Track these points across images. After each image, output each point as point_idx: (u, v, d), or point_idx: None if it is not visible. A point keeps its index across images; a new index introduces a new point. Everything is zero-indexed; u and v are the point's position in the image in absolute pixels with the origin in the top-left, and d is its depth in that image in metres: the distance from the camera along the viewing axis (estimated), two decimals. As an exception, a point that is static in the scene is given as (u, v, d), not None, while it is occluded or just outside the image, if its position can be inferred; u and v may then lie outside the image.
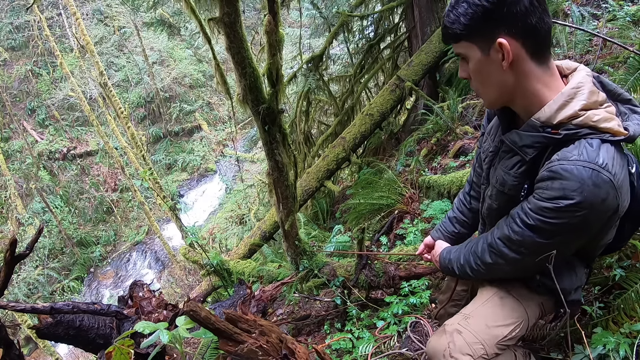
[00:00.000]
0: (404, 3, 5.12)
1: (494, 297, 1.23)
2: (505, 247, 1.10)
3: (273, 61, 2.08)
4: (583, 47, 3.45)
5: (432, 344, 1.23)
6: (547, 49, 0.98)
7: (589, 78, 1.00)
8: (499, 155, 1.19)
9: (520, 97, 1.02)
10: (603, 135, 0.95)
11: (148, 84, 15.45)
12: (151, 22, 8.28)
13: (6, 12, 15.44)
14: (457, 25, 0.97)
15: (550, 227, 0.98)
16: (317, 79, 5.15)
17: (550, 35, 0.96)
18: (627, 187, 0.99)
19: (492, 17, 0.92)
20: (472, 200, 1.49)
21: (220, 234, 11.00)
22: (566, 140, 0.97)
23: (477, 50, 0.99)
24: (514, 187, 1.12)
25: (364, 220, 3.98)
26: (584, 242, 1.05)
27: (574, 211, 0.93)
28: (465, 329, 1.17)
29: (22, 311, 1.64)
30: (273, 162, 2.40)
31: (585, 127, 0.95)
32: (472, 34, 0.97)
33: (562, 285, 1.17)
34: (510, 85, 1.00)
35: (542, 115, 0.99)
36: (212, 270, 3.40)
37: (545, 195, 0.97)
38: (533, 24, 0.92)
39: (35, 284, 11.52)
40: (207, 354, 1.91)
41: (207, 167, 15.26)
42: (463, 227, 1.52)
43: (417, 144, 4.51)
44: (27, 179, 13.42)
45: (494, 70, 0.99)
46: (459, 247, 1.34)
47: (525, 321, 1.20)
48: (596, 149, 0.93)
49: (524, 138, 1.03)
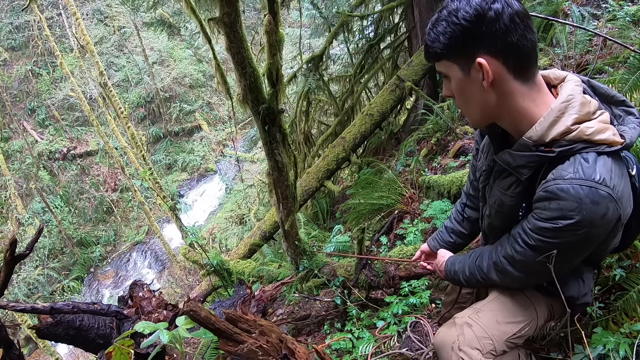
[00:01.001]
0: (404, 3, 5.12)
1: (505, 293, 1.22)
2: (509, 266, 1.11)
3: (273, 61, 2.08)
4: (583, 47, 3.45)
5: (442, 335, 1.21)
6: (532, 66, 0.94)
7: (578, 88, 0.97)
8: (493, 174, 1.18)
9: (507, 116, 1.00)
10: (598, 148, 0.92)
11: (148, 84, 15.45)
12: (151, 22, 8.29)
13: (6, 12, 15.44)
14: (437, 44, 0.95)
15: (552, 246, 0.97)
16: (317, 79, 5.15)
17: (535, 52, 0.92)
18: (628, 195, 0.97)
19: (470, 36, 0.90)
20: (467, 210, 1.48)
21: (220, 234, 11.00)
22: (561, 157, 0.94)
23: (457, 70, 0.97)
24: (512, 207, 1.11)
25: (364, 220, 3.98)
26: (588, 253, 1.04)
27: (574, 230, 0.92)
28: (476, 323, 1.16)
29: (22, 311, 1.64)
30: (273, 162, 2.40)
31: (579, 142, 0.92)
32: (452, 53, 0.95)
33: (570, 293, 1.16)
34: (494, 104, 0.97)
35: (534, 134, 0.95)
36: (212, 270, 3.40)
37: (543, 215, 0.95)
38: (514, 42, 0.89)
39: (35, 284, 11.52)
40: (207, 354, 1.91)
41: (207, 167, 15.26)
42: (459, 237, 1.52)
43: (417, 144, 4.51)
44: (27, 179, 13.42)
45: (476, 90, 0.96)
46: (463, 257, 1.32)
47: (535, 321, 1.20)
48: (592, 164, 0.90)
49: (517, 158, 1.01)
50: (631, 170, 1.03)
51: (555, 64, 3.57)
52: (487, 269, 1.18)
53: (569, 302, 1.15)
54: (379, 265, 2.57)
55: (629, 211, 0.99)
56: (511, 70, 0.92)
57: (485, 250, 1.23)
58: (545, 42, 3.83)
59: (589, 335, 1.35)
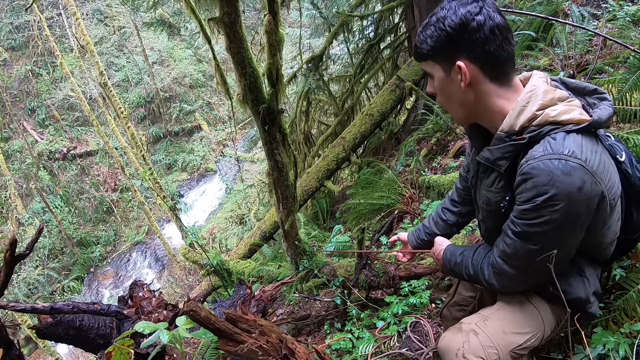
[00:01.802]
0: (404, 3, 5.11)
1: (514, 302, 1.21)
2: (504, 265, 1.10)
3: (273, 61, 2.08)
4: (583, 47, 3.45)
5: (447, 340, 1.21)
6: (508, 72, 1.02)
7: (541, 79, 1.04)
8: (479, 176, 1.21)
9: (484, 114, 1.08)
10: (566, 127, 0.97)
11: (148, 84, 15.45)
12: (151, 22, 8.28)
13: (6, 12, 15.44)
14: (425, 45, 1.05)
15: (536, 228, 0.98)
16: (317, 79, 5.15)
17: (511, 60, 1.01)
18: (608, 172, 0.99)
19: (453, 41, 1.00)
20: (447, 213, 1.55)
21: (220, 234, 11.00)
22: (532, 142, 0.99)
23: (440, 70, 1.07)
24: (498, 203, 1.12)
25: (364, 220, 3.98)
26: (579, 238, 1.02)
27: (552, 205, 0.93)
28: (482, 331, 1.15)
29: (22, 311, 1.64)
30: (273, 162, 2.40)
31: (546, 125, 0.98)
32: (436, 55, 1.05)
33: (577, 293, 1.14)
34: (471, 103, 1.06)
35: (505, 126, 1.02)
36: (212, 270, 3.40)
37: (522, 198, 0.98)
38: (491, 50, 0.98)
39: (35, 284, 11.52)
40: (207, 354, 1.91)
41: (207, 167, 15.26)
42: (432, 237, 1.56)
43: (417, 144, 4.51)
44: (27, 179, 13.43)
45: (455, 89, 1.06)
46: (464, 250, 1.30)
47: (541, 332, 1.18)
48: (560, 140, 0.95)
49: (494, 152, 1.07)
50: (619, 157, 1.09)
51: (555, 64, 3.57)
52: (488, 275, 1.17)
53: (576, 304, 1.14)
54: (379, 265, 2.57)
55: (615, 191, 1.01)
56: (487, 74, 1.01)
57: (486, 254, 1.21)
58: (545, 42, 3.83)
59: (589, 335, 1.35)
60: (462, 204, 1.53)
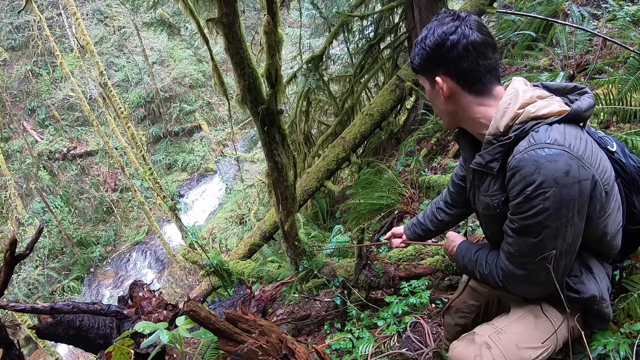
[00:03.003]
0: (404, 3, 5.11)
1: (529, 315, 1.20)
2: (512, 266, 1.10)
3: (272, 62, 2.08)
4: (583, 47, 3.45)
5: (458, 351, 1.20)
6: (488, 83, 1.08)
7: (521, 82, 1.09)
8: (475, 184, 1.23)
9: (468, 121, 1.15)
10: (548, 120, 1.00)
11: (148, 84, 15.45)
12: (151, 22, 8.27)
13: (6, 12, 15.44)
14: (415, 61, 1.15)
15: (532, 220, 0.99)
16: (317, 79, 5.15)
17: (491, 72, 1.07)
18: (597, 157, 1.01)
19: (432, 59, 1.10)
20: (449, 207, 1.60)
21: (220, 234, 11.00)
22: (518, 139, 1.02)
23: (427, 83, 1.17)
24: (495, 206, 1.13)
25: (364, 220, 3.98)
26: (580, 227, 1.01)
27: (541, 193, 0.95)
28: (495, 345, 1.15)
29: (22, 311, 1.64)
30: (272, 162, 2.40)
31: (529, 121, 1.02)
32: (422, 70, 1.16)
33: (590, 292, 1.13)
34: (454, 112, 1.15)
35: (491, 129, 1.07)
36: (212, 270, 3.40)
37: (514, 193, 1.01)
38: (465, 67, 1.05)
39: (35, 284, 11.52)
40: (207, 354, 1.91)
41: (207, 167, 15.26)
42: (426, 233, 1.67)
43: (417, 144, 4.51)
44: (27, 179, 13.42)
45: (440, 100, 1.15)
46: (479, 249, 1.28)
47: (554, 346, 1.18)
48: (542, 132, 0.98)
49: (485, 156, 1.11)
50: (611, 147, 1.14)
51: (555, 64, 3.57)
52: (502, 278, 1.15)
53: (591, 303, 1.15)
54: (379, 266, 2.57)
55: (607, 176, 1.03)
56: (465, 87, 1.09)
57: (497, 260, 1.18)
58: (546, 42, 3.83)
59: (589, 335, 1.35)
60: (455, 207, 1.59)
